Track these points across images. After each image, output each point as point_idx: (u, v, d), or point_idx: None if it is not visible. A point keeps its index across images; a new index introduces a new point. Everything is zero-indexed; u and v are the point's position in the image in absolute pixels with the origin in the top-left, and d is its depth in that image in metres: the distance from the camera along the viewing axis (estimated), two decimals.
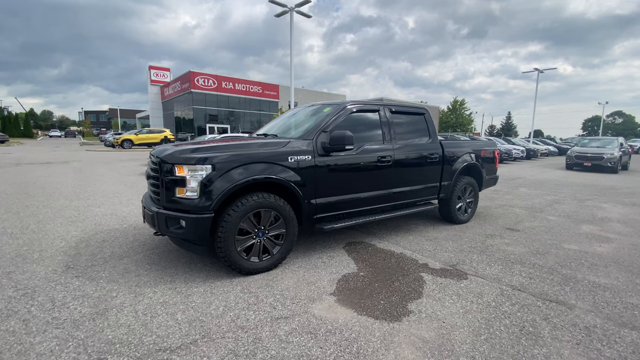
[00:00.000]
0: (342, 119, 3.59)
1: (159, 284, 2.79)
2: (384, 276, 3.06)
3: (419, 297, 2.69)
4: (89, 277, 2.91)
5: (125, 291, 2.66)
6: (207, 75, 33.10)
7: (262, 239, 3.05)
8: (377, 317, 2.36)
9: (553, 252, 3.90)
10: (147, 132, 24.80)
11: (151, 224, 2.95)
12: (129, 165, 12.91)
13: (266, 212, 3.00)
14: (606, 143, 15.12)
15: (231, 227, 2.80)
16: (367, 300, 2.61)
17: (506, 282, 3.01)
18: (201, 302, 2.51)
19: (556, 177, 11.80)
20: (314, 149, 3.30)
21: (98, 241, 3.87)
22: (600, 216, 5.83)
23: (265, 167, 2.98)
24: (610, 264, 3.55)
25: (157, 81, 39.84)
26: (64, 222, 4.62)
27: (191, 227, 2.71)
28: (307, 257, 3.51)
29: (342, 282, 2.91)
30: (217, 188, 2.74)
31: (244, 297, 2.61)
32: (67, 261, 3.25)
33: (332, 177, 3.42)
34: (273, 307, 2.46)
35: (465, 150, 4.95)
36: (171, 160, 2.82)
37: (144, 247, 3.70)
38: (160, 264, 3.23)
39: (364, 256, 3.57)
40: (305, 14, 15.08)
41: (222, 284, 2.83)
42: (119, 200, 6.23)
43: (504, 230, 4.80)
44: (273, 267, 3.14)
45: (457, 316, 2.41)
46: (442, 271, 3.22)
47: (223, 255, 2.83)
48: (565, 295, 2.81)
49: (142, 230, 4.34)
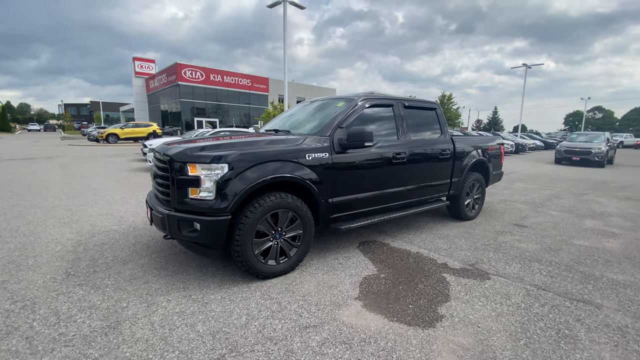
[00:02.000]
0: (357, 114, 3.44)
1: (172, 292, 2.61)
2: (406, 278, 2.96)
3: (446, 300, 2.60)
4: (93, 285, 2.69)
5: (135, 300, 2.46)
6: (194, 68, 32.19)
7: (279, 241, 2.89)
8: (409, 323, 2.26)
9: (565, 248, 3.90)
10: (133, 125, 23.95)
11: (161, 227, 2.74)
12: (117, 160, 12.41)
13: (283, 212, 2.84)
14: (593, 138, 15.50)
15: (249, 229, 2.63)
16: (395, 304, 2.51)
17: (529, 282, 2.96)
18: (221, 311, 2.35)
19: (548, 172, 12.01)
20: (331, 146, 3.14)
21: (97, 244, 3.62)
22: (600, 211, 5.91)
23: (283, 166, 2.81)
24: (623, 260, 3.56)
25: (142, 73, 38.53)
26: (56, 224, 4.33)
27: (207, 230, 2.53)
28: (323, 258, 3.38)
29: (364, 285, 2.80)
30: (235, 188, 2.56)
31: (266, 304, 2.45)
32: (67, 267, 3.01)
33: (349, 175, 3.28)
34: (299, 315, 2.32)
35: (474, 146, 4.89)
36: (183, 158, 2.61)
37: (148, 249, 3.49)
38: (169, 269, 3.03)
39: (381, 256, 3.46)
40: (299, 5, 14.70)
41: (240, 290, 2.67)
42: (112, 198, 5.91)
43: (511, 226, 4.78)
44: (290, 270, 3.00)
45: (490, 320, 2.33)
46: (463, 271, 3.14)
47: (240, 260, 2.66)
48: (589, 294, 2.78)
49: (143, 231, 4.10)
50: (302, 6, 14.85)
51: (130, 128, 23.42)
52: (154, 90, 37.68)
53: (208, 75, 33.34)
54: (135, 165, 11.07)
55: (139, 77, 38.68)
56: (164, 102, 36.76)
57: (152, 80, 37.78)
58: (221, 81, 34.63)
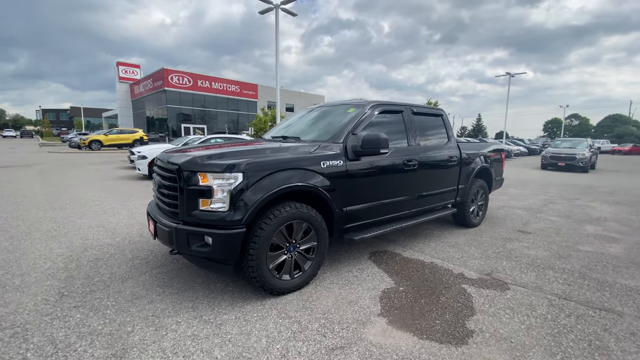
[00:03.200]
0: (368, 120, 3.35)
1: (180, 312, 2.40)
2: (426, 290, 2.85)
3: (472, 313, 2.49)
4: (91, 307, 2.45)
5: (141, 324, 2.24)
6: (182, 73, 31.67)
7: (293, 253, 2.73)
8: (440, 341, 2.14)
9: (573, 254, 3.89)
10: (117, 132, 23.19)
11: (167, 242, 2.53)
12: (102, 168, 11.91)
13: (298, 224, 2.69)
14: (576, 144, 16.04)
15: (264, 242, 2.46)
16: (421, 320, 2.38)
17: (549, 291, 2.90)
18: (237, 333, 2.16)
19: (537, 177, 12.30)
20: (345, 153, 3.03)
21: (90, 260, 3.35)
22: (596, 216, 6.01)
23: (299, 174, 2.67)
24: (630, 265, 3.57)
25: (126, 78, 37.60)
26: (42, 237, 4.01)
27: (220, 244, 2.34)
28: (336, 271, 3.23)
29: (385, 300, 2.66)
30: (250, 198, 2.39)
31: (285, 324, 2.28)
32: (59, 287, 2.75)
33: (362, 183, 3.17)
34: (323, 335, 2.16)
35: (478, 152, 4.88)
36: (193, 167, 2.43)
37: (147, 265, 3.25)
38: (173, 286, 2.81)
39: (395, 268, 3.34)
40: (291, 12, 14.69)
41: (254, 308, 2.48)
42: (101, 209, 5.59)
43: (516, 232, 4.77)
44: (304, 285, 2.83)
45: (521, 334, 2.24)
46: (481, 281, 3.06)
47: (255, 275, 2.48)
48: (608, 301, 2.74)
49: (139, 244, 3.85)
50: (294, 13, 14.85)
51: (114, 134, 22.67)
52: (139, 96, 36.80)
53: (196, 81, 32.86)
54: (122, 173, 10.63)
55: (123, 82, 37.72)
56: (149, 108, 35.92)
57: (137, 85, 36.91)
58: (209, 87, 34.19)
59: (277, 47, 14.52)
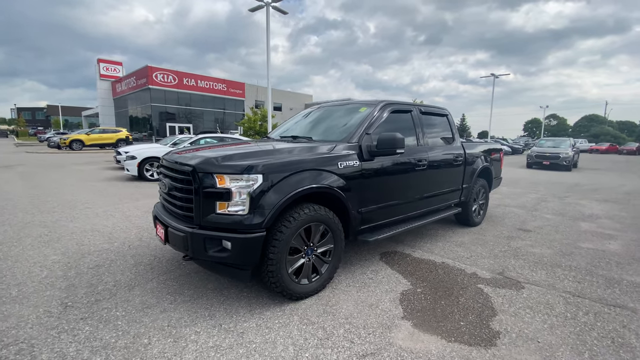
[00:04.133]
0: (381, 120, 3.31)
1: (198, 321, 2.28)
2: (444, 292, 2.83)
3: (494, 314, 2.49)
4: (99, 318, 2.30)
5: (157, 335, 2.11)
6: (166, 71, 30.89)
7: (311, 257, 2.66)
8: (469, 343, 2.11)
9: (576, 252, 3.98)
10: (100, 131, 22.35)
11: (181, 247, 2.40)
12: (87, 169, 11.43)
13: (316, 226, 2.61)
14: (559, 143, 16.59)
15: (284, 246, 2.38)
16: (446, 322, 2.36)
17: (562, 289, 2.94)
18: (262, 342, 2.07)
19: (525, 176, 12.63)
20: (360, 153, 2.97)
21: (90, 267, 3.17)
22: (588, 213, 6.20)
23: (318, 175, 2.59)
24: (632, 262, 3.68)
25: (108, 76, 36.35)
26: (34, 243, 3.77)
27: (240, 249, 2.24)
28: (350, 273, 3.17)
29: (405, 302, 2.63)
30: (270, 201, 2.30)
31: (310, 330, 2.21)
32: (61, 297, 2.57)
33: (376, 183, 3.12)
34: (350, 341, 2.10)
35: (479, 152, 4.93)
36: (209, 169, 2.32)
37: (153, 271, 3.09)
38: (185, 293, 2.68)
39: (408, 268, 3.32)
40: (282, 10, 14.55)
41: (274, 315, 2.39)
42: (93, 212, 5.33)
43: (517, 231, 4.85)
44: (322, 289, 2.76)
45: (545, 333, 2.24)
46: (495, 281, 3.07)
47: (275, 281, 2.39)
48: (620, 298, 2.80)
49: (140, 249, 3.67)
50: (284, 11, 14.71)
51: (96, 134, 21.83)
52: (122, 94, 35.65)
53: (181, 79, 32.13)
54: (109, 174, 10.23)
55: (105, 80, 36.43)
56: (132, 106, 34.86)
57: (119, 83, 35.74)
58: (195, 85, 33.50)
59: (267, 45, 14.34)
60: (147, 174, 8.93)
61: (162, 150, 9.40)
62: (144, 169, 8.90)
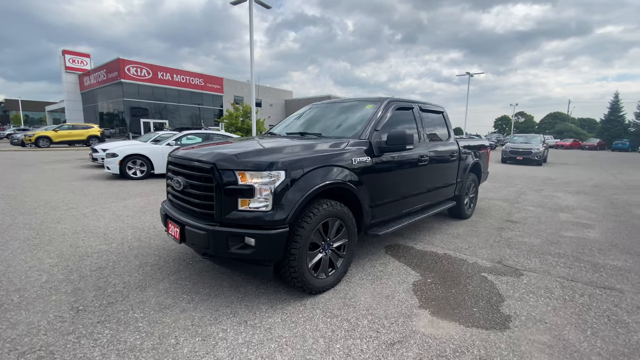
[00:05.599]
0: (388, 116, 3.39)
1: (221, 319, 2.27)
2: (452, 281, 2.97)
3: (501, 299, 2.65)
4: (117, 320, 2.22)
5: (184, 334, 2.09)
6: (140, 64, 29.50)
7: (327, 251, 2.70)
8: (485, 327, 2.25)
9: (561, 240, 4.28)
10: (69, 127, 21.03)
11: (201, 245, 2.36)
12: (59, 168, 10.76)
13: (332, 221, 2.66)
14: (531, 139, 17.56)
15: (305, 241, 2.41)
16: (460, 309, 2.49)
17: (556, 274, 3.17)
18: (291, 336, 2.10)
19: (500, 170, 13.27)
20: (370, 149, 3.04)
21: (93, 269, 3.04)
22: (564, 204, 6.65)
23: (335, 171, 2.63)
24: (611, 248, 4.01)
25: (75, 69, 34.17)
26: (23, 247, 3.55)
27: (264, 245, 2.24)
28: (359, 266, 3.25)
29: (419, 293, 2.74)
30: (293, 197, 2.32)
31: (335, 323, 2.26)
32: (70, 301, 2.46)
33: (385, 179, 3.20)
34: (376, 331, 2.17)
35: (470, 148, 5.16)
36: (230, 165, 2.29)
37: (161, 271, 3.02)
38: (200, 292, 2.65)
39: (414, 261, 3.44)
40: (265, 4, 14.30)
41: (296, 309, 2.42)
42: (80, 212, 5.07)
43: (505, 222, 5.13)
44: (337, 283, 2.82)
45: (551, 315, 2.43)
46: (496, 269, 3.26)
47: (296, 276, 2.41)
48: (607, 280, 3.07)
49: (142, 249, 3.56)
50: (267, 5, 14.47)
51: (65, 130, 20.52)
52: (90, 88, 33.66)
53: (156, 73, 30.80)
54: (85, 172, 9.70)
55: (71, 72, 34.21)
56: (102, 101, 33.05)
57: (88, 77, 33.72)
58: (171, 80, 32.25)
59: (251, 39, 14.08)
60: (129, 172, 8.57)
61: (143, 147, 9.04)
62: (126, 167, 8.52)
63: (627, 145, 36.79)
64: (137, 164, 8.69)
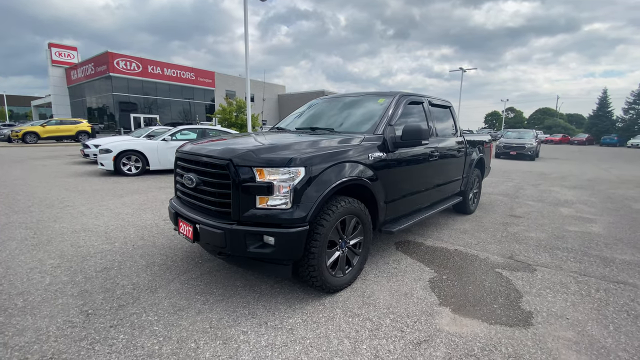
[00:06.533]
0: (400, 111, 3.33)
1: (240, 320, 2.19)
2: (468, 278, 2.95)
3: (520, 295, 2.64)
4: (131, 324, 2.13)
5: (204, 338, 2.00)
6: (130, 58, 28.79)
7: (344, 249, 2.64)
8: (509, 324, 2.23)
9: (567, 235, 4.31)
10: (57, 122, 20.42)
11: (218, 244, 2.27)
12: (50, 164, 10.43)
13: (349, 219, 2.60)
14: (524, 134, 17.77)
15: (324, 239, 2.34)
16: (481, 306, 2.46)
17: (568, 269, 3.18)
18: (315, 337, 2.04)
19: (496, 165, 13.38)
20: (384, 145, 2.97)
21: (98, 270, 2.92)
22: (563, 199, 6.73)
23: (352, 167, 2.56)
24: (617, 242, 4.05)
25: (61, 62, 33.14)
26: (22, 247, 3.39)
27: (284, 243, 2.17)
28: (373, 263, 3.20)
29: (437, 290, 2.70)
30: (313, 194, 2.24)
31: (357, 322, 2.21)
32: (78, 305, 2.35)
33: (399, 174, 3.15)
34: (400, 330, 2.13)
35: (475, 143, 5.15)
36: (248, 162, 2.20)
37: (170, 272, 2.91)
38: (214, 293, 2.56)
39: (426, 257, 3.41)
40: None
41: (315, 309, 2.36)
42: (77, 210, 4.89)
43: (509, 217, 5.15)
44: (353, 281, 2.77)
45: (571, 310, 2.42)
46: (509, 265, 3.25)
47: (315, 275, 2.35)
48: (619, 275, 3.09)
49: (146, 249, 3.44)
50: None
51: (53, 125, 19.91)
52: (78, 82, 32.75)
53: (146, 67, 30.13)
54: (77, 169, 9.42)
55: (57, 66, 33.17)
56: (90, 95, 32.21)
57: (75, 70, 32.76)
58: (161, 74, 31.60)
59: (246, 32, 13.82)
60: (124, 168, 8.34)
61: (138, 143, 8.80)
62: (121, 162, 8.29)
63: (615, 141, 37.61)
64: (131, 159, 8.47)
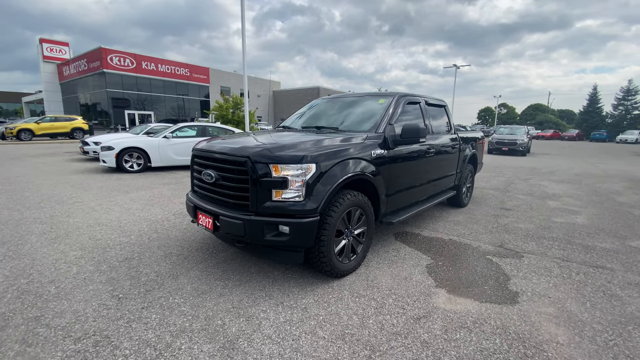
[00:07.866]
0: (400, 110, 3.58)
1: (259, 301, 2.44)
2: (461, 263, 3.23)
3: (508, 278, 2.93)
4: (161, 306, 2.36)
5: (228, 316, 2.25)
6: (123, 54, 28.52)
7: (349, 238, 2.90)
8: (498, 302, 2.51)
9: (553, 226, 4.63)
10: (51, 119, 20.27)
11: (237, 234, 2.50)
12: (49, 161, 10.49)
13: (354, 210, 2.85)
14: (516, 130, 18.20)
15: (332, 229, 2.59)
16: (473, 287, 2.74)
17: (552, 256, 3.49)
18: (327, 314, 2.29)
19: (488, 161, 13.76)
20: (384, 142, 3.22)
21: (120, 260, 3.13)
22: (551, 193, 7.08)
23: (357, 163, 2.81)
24: (599, 232, 4.38)
25: (53, 58, 32.67)
26: (42, 241, 3.58)
27: (298, 232, 2.41)
28: (374, 252, 3.47)
29: (433, 274, 2.98)
30: (323, 188, 2.49)
31: (363, 302, 2.47)
32: (108, 290, 2.57)
33: (398, 170, 3.40)
34: (402, 308, 2.40)
35: (468, 140, 5.43)
36: (265, 159, 2.43)
37: (188, 261, 3.14)
38: (232, 278, 2.80)
39: (423, 246, 3.69)
40: None
41: (325, 291, 2.62)
42: (87, 206, 5.07)
43: (500, 210, 5.46)
44: (358, 267, 3.03)
45: (553, 290, 2.72)
46: (499, 252, 3.54)
47: (325, 260, 2.60)
48: (599, 260, 3.39)
49: (162, 241, 3.65)
50: None
51: (47, 122, 19.77)
52: (70, 78, 32.35)
53: (140, 63, 29.88)
54: (78, 166, 9.51)
55: (49, 62, 32.70)
56: (83, 92, 31.86)
57: (67, 66, 32.33)
58: (155, 70, 31.36)
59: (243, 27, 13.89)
60: (126, 165, 8.47)
61: (140, 140, 8.93)
62: (123, 159, 8.42)
63: (604, 136, 38.50)
64: (133, 157, 8.60)
